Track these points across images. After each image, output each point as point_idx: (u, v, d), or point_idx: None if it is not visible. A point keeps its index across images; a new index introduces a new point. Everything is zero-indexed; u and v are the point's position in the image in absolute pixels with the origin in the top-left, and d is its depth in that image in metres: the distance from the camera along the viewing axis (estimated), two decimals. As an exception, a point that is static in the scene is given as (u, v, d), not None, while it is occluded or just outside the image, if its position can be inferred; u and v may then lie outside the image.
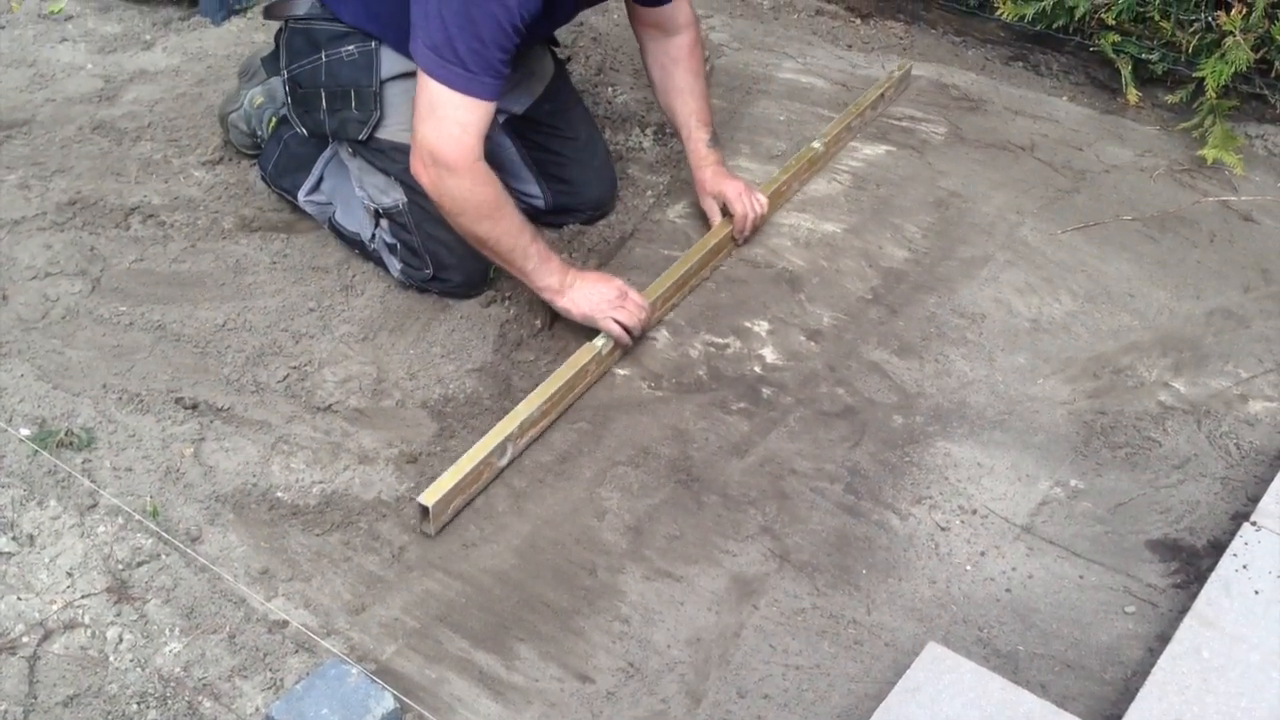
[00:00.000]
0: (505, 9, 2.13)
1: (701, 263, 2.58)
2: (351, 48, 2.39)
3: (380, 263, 2.58)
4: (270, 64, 2.65)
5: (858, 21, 3.51)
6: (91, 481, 2.10)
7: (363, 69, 2.39)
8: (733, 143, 3.02)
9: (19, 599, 1.92)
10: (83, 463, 2.15)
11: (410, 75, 2.30)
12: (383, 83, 2.39)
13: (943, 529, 2.12)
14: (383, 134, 2.42)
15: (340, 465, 2.20)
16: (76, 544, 2.00)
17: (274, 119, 2.74)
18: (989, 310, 2.56)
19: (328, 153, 2.63)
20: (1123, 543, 2.11)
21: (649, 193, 2.84)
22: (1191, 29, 2.95)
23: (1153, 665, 1.81)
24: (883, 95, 3.10)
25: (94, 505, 2.07)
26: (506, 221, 2.29)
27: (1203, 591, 1.91)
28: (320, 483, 2.17)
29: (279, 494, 2.15)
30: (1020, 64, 3.33)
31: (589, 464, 2.23)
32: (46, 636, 1.87)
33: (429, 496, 2.06)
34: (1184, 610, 1.92)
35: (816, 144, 2.89)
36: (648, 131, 3.02)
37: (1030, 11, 3.14)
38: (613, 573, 2.05)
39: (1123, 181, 2.92)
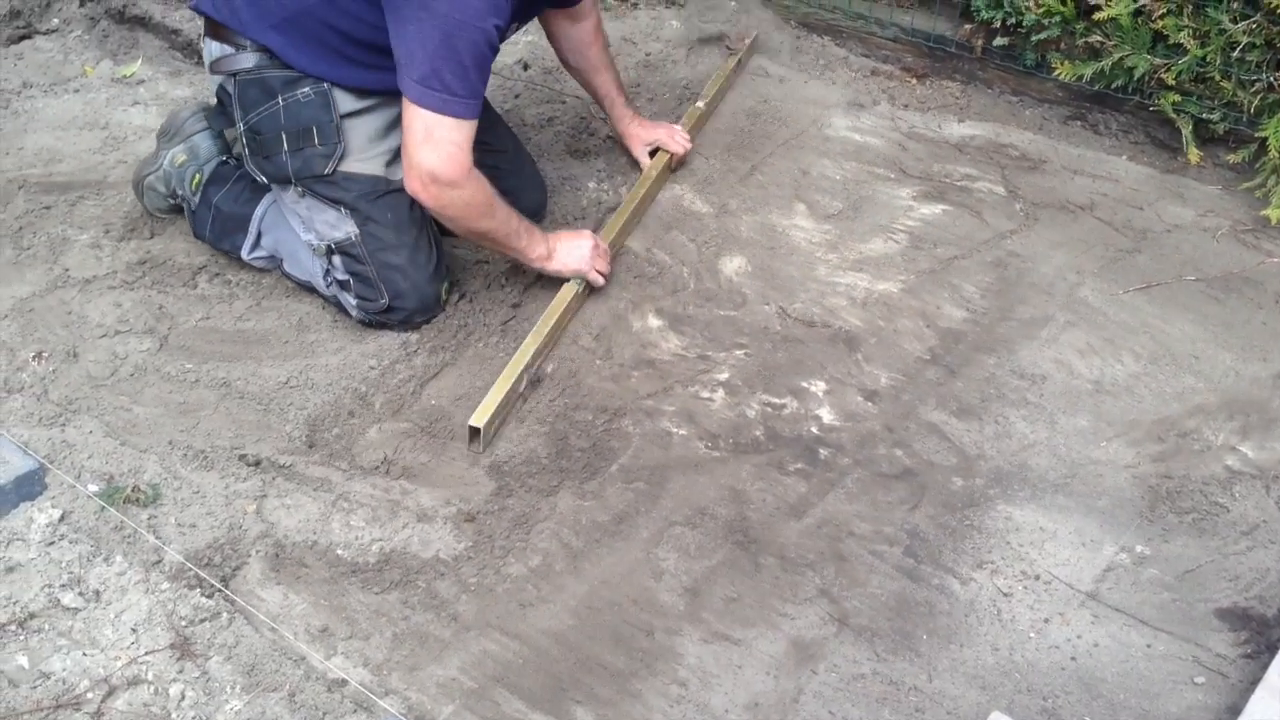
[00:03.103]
0: (484, 32, 2.29)
1: (639, 206, 2.93)
2: (306, 89, 2.48)
3: (337, 304, 2.65)
4: (216, 119, 2.75)
5: (913, 81, 3.52)
6: (157, 538, 2.13)
7: (320, 107, 2.48)
8: (789, 200, 3.03)
9: (84, 655, 1.94)
10: (148, 519, 2.18)
11: (362, 112, 2.48)
12: (341, 117, 2.49)
13: (1005, 594, 2.09)
14: (344, 166, 2.51)
15: (399, 523, 2.22)
16: (141, 600, 2.03)
17: (197, 176, 2.78)
18: (1050, 371, 2.54)
19: (260, 209, 2.70)
20: (1191, 611, 2.06)
21: (708, 246, 2.86)
22: (1253, 89, 2.92)
23: (1224, 739, 1.77)
24: (740, 61, 3.45)
25: (159, 561, 2.10)
26: (502, 212, 2.51)
27: (1274, 662, 1.87)
28: (379, 540, 2.19)
29: (339, 551, 2.16)
30: (1079, 123, 3.32)
31: (646, 524, 2.23)
32: (111, 693, 1.89)
33: (478, 418, 2.34)
34: (1255, 681, 1.87)
35: (700, 104, 3.23)
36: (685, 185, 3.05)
37: (1089, 71, 3.13)
38: (670, 635, 2.04)
39: (1185, 241, 2.89)
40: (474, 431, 2.34)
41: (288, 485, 2.28)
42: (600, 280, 2.69)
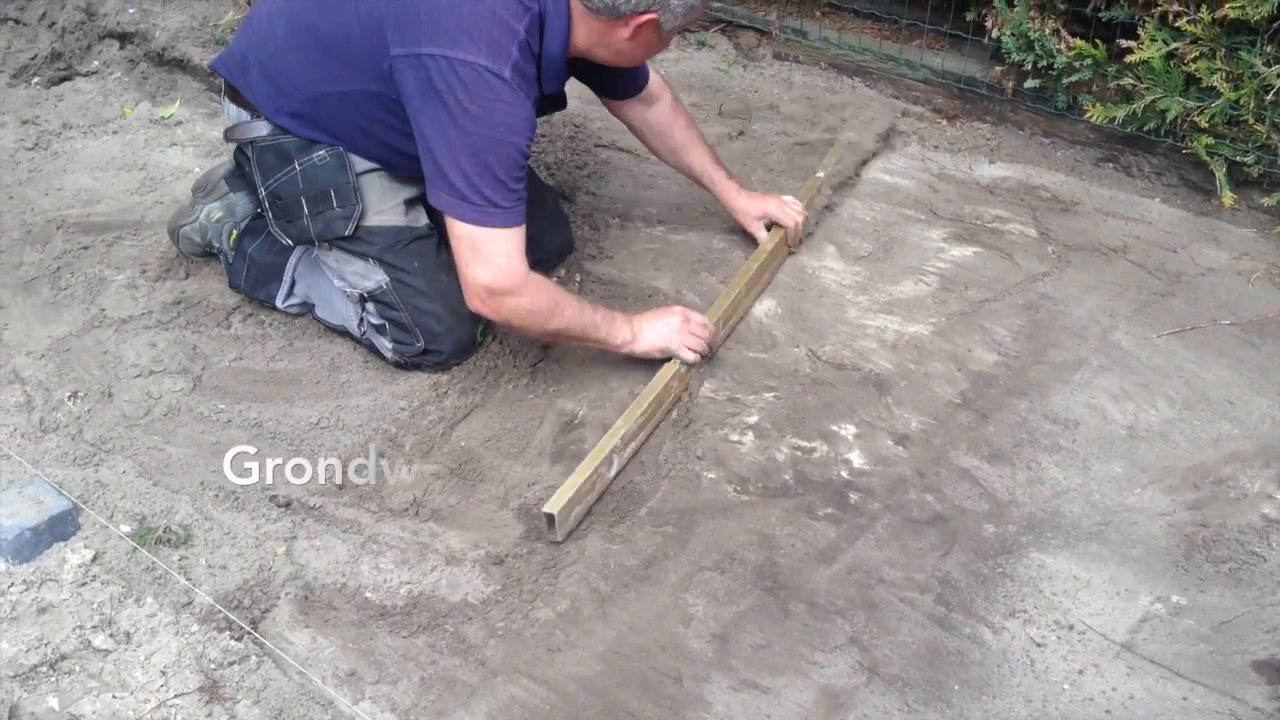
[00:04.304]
0: (515, 145, 2.25)
1: (752, 281, 2.78)
2: (322, 152, 2.49)
3: (372, 348, 2.66)
4: (235, 182, 2.79)
5: (944, 123, 3.52)
6: (187, 579, 2.14)
7: (337, 169, 2.49)
8: (819, 242, 3.03)
9: (114, 697, 1.95)
10: (179, 560, 2.19)
11: (377, 170, 2.49)
12: (358, 175, 2.49)
13: (1038, 645, 2.07)
14: (365, 222, 2.52)
15: (428, 566, 2.22)
16: (171, 642, 2.04)
17: (234, 232, 2.81)
18: (1083, 416, 2.52)
19: (294, 258, 2.72)
20: (1228, 663, 2.03)
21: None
22: (1288, 131, 2.91)
23: (1264, 797, 1.73)
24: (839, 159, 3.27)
25: (189, 603, 2.10)
26: (570, 310, 2.42)
27: (1315, 718, 1.84)
28: (408, 583, 2.19)
29: (368, 594, 2.17)
30: (1111, 165, 3.31)
31: (674, 569, 2.22)
32: (140, 736, 1.90)
33: (552, 505, 2.21)
34: (1295, 737, 1.84)
35: (820, 174, 3.14)
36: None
37: (1121, 114, 3.12)
38: (698, 682, 2.03)
39: (1219, 285, 2.86)
40: (550, 519, 2.22)
41: (318, 527, 2.28)
42: (691, 356, 2.55)
